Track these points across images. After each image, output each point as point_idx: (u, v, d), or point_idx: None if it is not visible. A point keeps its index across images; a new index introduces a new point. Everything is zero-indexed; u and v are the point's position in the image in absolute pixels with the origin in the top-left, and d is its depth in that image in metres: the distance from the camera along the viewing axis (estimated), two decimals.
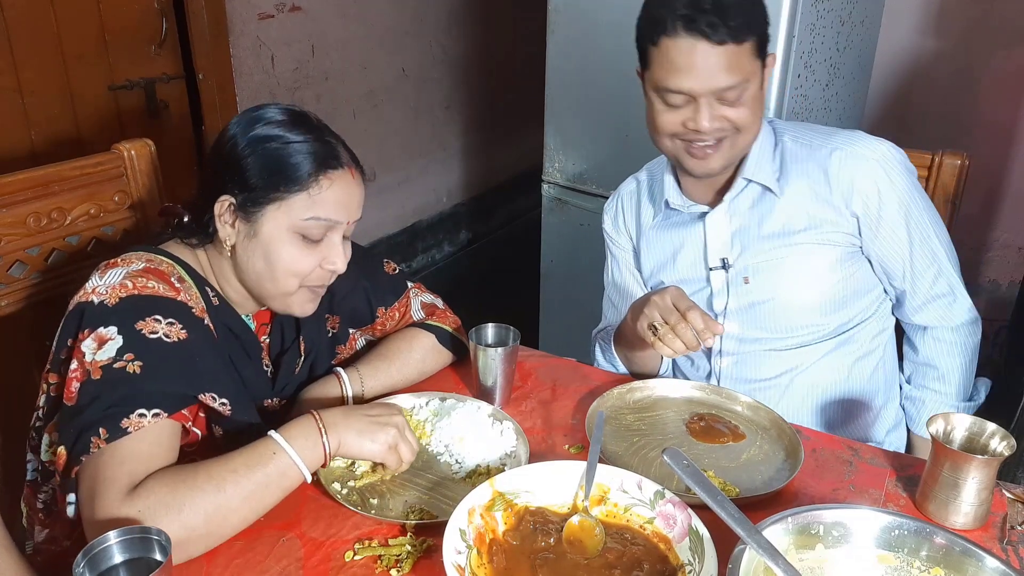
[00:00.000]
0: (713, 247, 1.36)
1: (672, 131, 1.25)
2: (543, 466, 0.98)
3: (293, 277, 1.07)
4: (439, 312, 1.35)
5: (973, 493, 0.97)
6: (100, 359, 0.94)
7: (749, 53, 1.18)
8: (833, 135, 1.32)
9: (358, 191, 1.11)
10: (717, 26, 1.14)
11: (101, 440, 0.90)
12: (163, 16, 2.33)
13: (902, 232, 1.29)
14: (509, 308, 2.04)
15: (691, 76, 1.17)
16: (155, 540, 0.80)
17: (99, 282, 0.99)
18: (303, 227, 1.05)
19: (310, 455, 0.96)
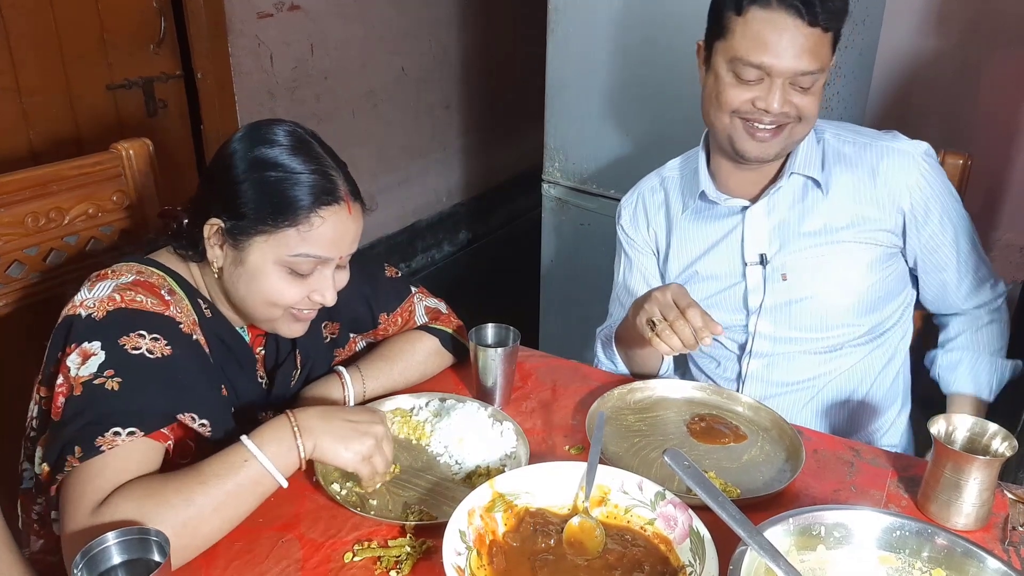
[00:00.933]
0: (751, 242, 1.34)
1: (736, 107, 1.22)
2: (543, 467, 0.98)
3: (278, 306, 1.05)
4: (443, 317, 1.34)
5: (975, 494, 0.96)
6: (83, 375, 0.93)
7: (830, 43, 1.18)
8: (876, 135, 1.32)
9: (353, 227, 1.05)
10: (815, 7, 1.13)
11: (75, 459, 0.89)
12: (162, 15, 2.33)
13: (948, 223, 1.30)
14: (509, 308, 2.04)
15: (776, 53, 1.15)
16: (154, 541, 0.79)
17: (88, 295, 0.98)
18: (291, 262, 1.01)
19: (284, 460, 0.93)
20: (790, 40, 1.15)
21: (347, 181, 1.05)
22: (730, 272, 1.37)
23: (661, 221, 1.45)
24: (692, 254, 1.40)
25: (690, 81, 2.10)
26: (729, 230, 1.36)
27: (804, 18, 1.13)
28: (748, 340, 1.38)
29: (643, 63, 2.16)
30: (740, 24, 1.17)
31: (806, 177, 1.31)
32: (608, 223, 2.38)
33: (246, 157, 1.01)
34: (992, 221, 2.74)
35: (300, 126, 1.06)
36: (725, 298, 1.39)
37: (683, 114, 2.14)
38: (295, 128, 1.05)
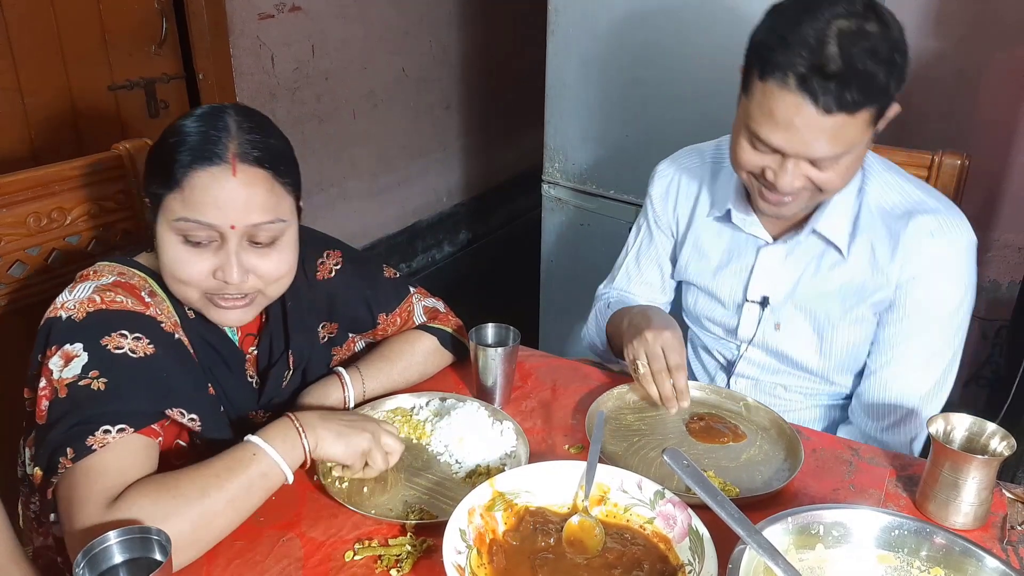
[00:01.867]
0: (758, 281, 1.31)
1: (751, 171, 1.15)
2: (543, 466, 0.98)
3: (183, 284, 1.00)
4: (441, 316, 1.35)
5: (973, 493, 0.97)
6: (66, 376, 0.93)
7: (862, 123, 1.04)
8: (923, 199, 1.21)
9: (242, 192, 0.96)
10: (833, 95, 1.00)
11: (68, 460, 0.89)
12: (163, 16, 2.33)
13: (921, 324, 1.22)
14: (509, 308, 2.04)
15: (787, 136, 1.05)
16: (155, 540, 0.80)
17: (68, 296, 0.98)
18: (179, 228, 0.96)
19: (290, 455, 0.95)
20: (804, 126, 1.03)
21: (248, 145, 0.96)
22: (729, 298, 1.36)
23: (686, 211, 1.40)
24: (701, 262, 1.38)
25: (690, 81, 2.11)
26: (741, 257, 1.33)
27: (820, 105, 1.01)
28: (735, 360, 1.39)
29: (643, 63, 2.17)
30: (759, 92, 1.06)
31: (827, 241, 1.24)
32: (608, 223, 2.39)
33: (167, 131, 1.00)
34: (990, 221, 2.74)
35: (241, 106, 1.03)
36: (718, 316, 1.39)
37: (683, 114, 2.15)
38: (226, 104, 1.02)
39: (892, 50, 1.02)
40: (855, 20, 1.01)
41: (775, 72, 1.03)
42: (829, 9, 1.01)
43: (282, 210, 1.00)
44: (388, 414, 1.19)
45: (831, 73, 0.99)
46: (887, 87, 1.03)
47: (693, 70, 2.10)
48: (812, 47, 1.00)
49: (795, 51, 1.01)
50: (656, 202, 1.43)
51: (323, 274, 1.21)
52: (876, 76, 1.01)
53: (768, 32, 1.06)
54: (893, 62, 1.02)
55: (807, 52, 1.00)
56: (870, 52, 1.00)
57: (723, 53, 2.02)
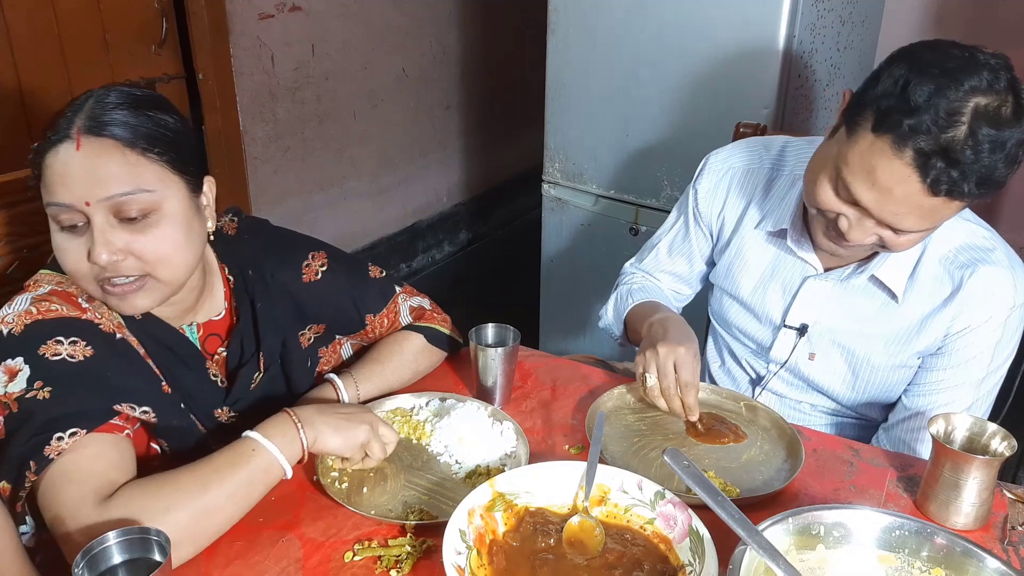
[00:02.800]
0: (800, 307, 1.26)
1: (825, 211, 1.08)
2: (543, 466, 0.98)
3: (76, 277, 0.98)
4: (427, 314, 1.33)
5: (974, 493, 0.97)
6: (13, 391, 0.93)
7: (960, 206, 0.99)
8: (987, 248, 1.15)
9: (87, 163, 0.91)
10: (947, 183, 0.94)
11: (32, 473, 0.89)
12: (163, 16, 2.33)
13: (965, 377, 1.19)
14: (509, 308, 2.04)
15: (879, 200, 0.99)
16: (154, 540, 0.80)
17: (8, 310, 0.97)
18: (51, 216, 0.95)
19: (289, 450, 0.96)
20: (904, 197, 0.97)
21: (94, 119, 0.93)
22: (766, 317, 1.32)
23: (734, 215, 1.33)
24: (742, 273, 1.34)
25: (690, 81, 2.11)
26: (786, 279, 1.28)
27: (928, 188, 0.94)
28: (765, 376, 1.38)
29: (643, 63, 2.17)
30: (867, 142, 0.98)
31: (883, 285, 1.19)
32: (608, 223, 2.39)
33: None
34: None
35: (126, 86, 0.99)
36: (752, 332, 1.36)
37: (683, 114, 2.15)
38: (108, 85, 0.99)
39: (1015, 144, 0.94)
40: (995, 98, 0.92)
41: (893, 133, 0.95)
42: (970, 79, 0.92)
43: (144, 180, 0.94)
44: (388, 414, 1.19)
45: (954, 160, 0.92)
46: (1002, 179, 0.96)
47: (693, 70, 2.10)
48: (942, 123, 0.92)
49: (923, 122, 0.92)
50: (701, 198, 1.36)
51: (309, 276, 1.21)
52: (997, 172, 0.94)
53: (897, 86, 0.95)
54: (1015, 160, 0.95)
55: (936, 128, 0.92)
56: (999, 146, 0.92)
57: (723, 53, 2.03)
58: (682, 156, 2.14)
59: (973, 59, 0.95)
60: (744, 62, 2.00)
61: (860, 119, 0.99)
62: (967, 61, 0.95)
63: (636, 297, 1.42)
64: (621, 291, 1.47)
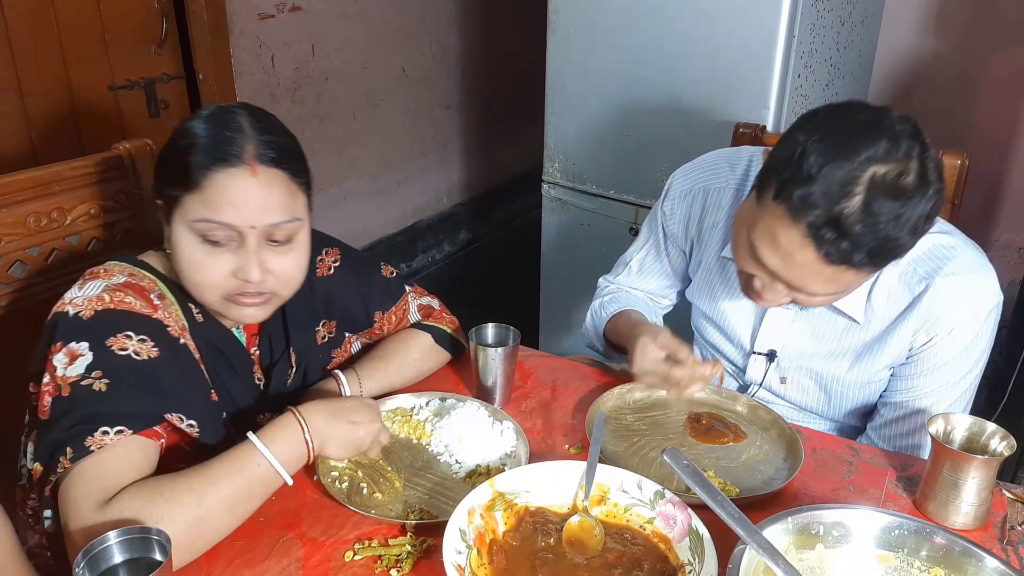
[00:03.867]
0: (766, 334, 1.28)
1: (740, 270, 1.10)
2: (543, 466, 0.98)
3: (203, 287, 1.00)
4: (435, 313, 1.35)
5: (973, 493, 0.97)
6: (70, 375, 0.93)
7: (865, 273, 1.00)
8: (945, 258, 1.13)
9: (261, 192, 0.97)
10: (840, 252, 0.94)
11: (67, 460, 0.89)
12: (163, 16, 2.33)
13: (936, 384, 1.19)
14: (509, 308, 2.04)
15: (783, 266, 1.00)
16: (155, 540, 0.80)
17: (77, 293, 0.98)
18: (199, 229, 0.97)
19: (292, 457, 0.95)
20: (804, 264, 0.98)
21: (264, 146, 0.98)
22: (737, 342, 1.33)
23: (700, 238, 1.33)
24: (711, 297, 1.34)
25: (690, 81, 2.11)
26: (749, 305, 1.28)
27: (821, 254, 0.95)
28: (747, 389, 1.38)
29: (643, 63, 2.17)
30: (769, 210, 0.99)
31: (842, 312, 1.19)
32: (608, 223, 2.39)
33: (176, 133, 1.02)
34: (990, 221, 2.74)
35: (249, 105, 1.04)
36: (728, 353, 1.37)
37: (683, 115, 2.15)
38: (233, 105, 1.04)
39: (920, 216, 0.93)
40: (894, 167, 0.91)
41: (788, 204, 0.95)
42: (869, 148, 0.91)
43: (298, 209, 1.03)
44: (388, 414, 1.19)
45: (845, 232, 0.92)
46: (902, 251, 0.97)
47: (693, 70, 2.10)
48: (835, 195, 0.91)
49: (812, 194, 0.92)
50: (668, 219, 1.37)
51: (322, 271, 1.22)
52: (893, 241, 0.93)
53: (795, 155, 0.95)
54: (916, 230, 0.94)
55: (826, 201, 0.92)
56: (895, 218, 0.91)
57: (723, 53, 2.03)
58: (682, 156, 2.11)
59: (876, 125, 0.93)
60: (744, 62, 2.00)
61: (766, 185, 1.00)
62: (869, 127, 0.93)
63: (609, 309, 1.43)
64: (594, 305, 1.48)
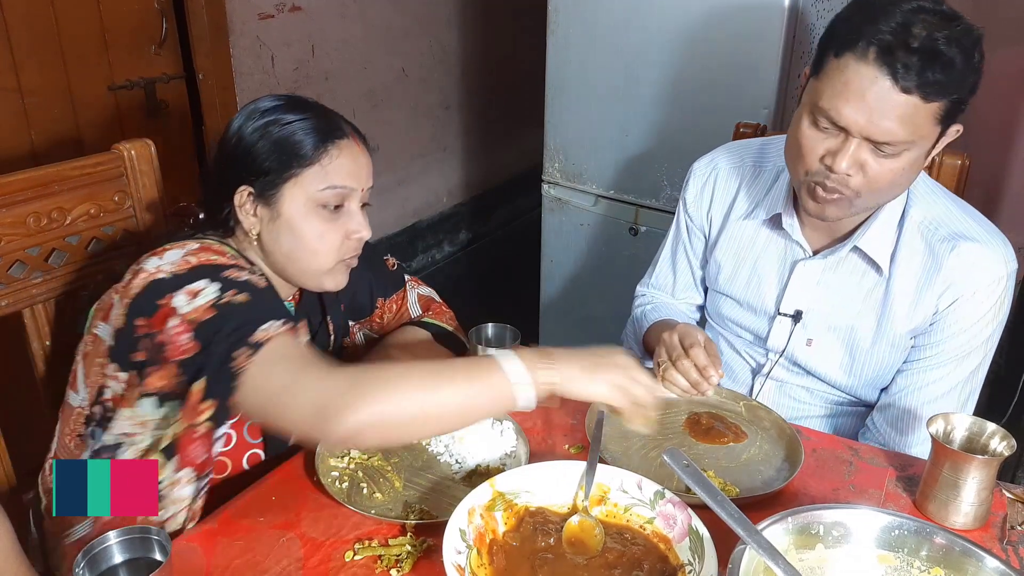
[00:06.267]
0: (793, 294, 1.28)
1: (808, 156, 1.10)
2: (543, 466, 0.98)
3: (324, 253, 1.10)
4: (435, 306, 1.37)
5: (973, 493, 0.97)
6: (202, 303, 0.95)
7: (932, 114, 1.02)
8: (968, 224, 1.19)
9: (365, 159, 1.13)
10: (913, 72, 0.98)
11: (246, 359, 0.92)
12: (163, 16, 2.33)
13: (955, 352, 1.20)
14: (509, 308, 2.04)
15: (856, 109, 1.02)
16: (155, 540, 0.80)
17: (160, 261, 1.00)
18: (320, 198, 1.07)
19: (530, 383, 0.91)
20: (877, 101, 1.00)
21: (347, 122, 1.13)
22: (761, 307, 1.33)
23: (721, 211, 1.37)
24: (733, 266, 1.35)
25: (690, 81, 2.11)
26: (777, 267, 1.30)
27: (899, 82, 0.99)
28: (764, 365, 1.38)
29: (643, 63, 2.17)
30: (834, 68, 1.04)
31: (868, 259, 1.22)
32: (608, 223, 2.39)
33: (251, 124, 1.09)
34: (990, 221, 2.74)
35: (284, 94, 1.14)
36: (748, 323, 1.37)
37: (683, 114, 2.15)
38: (280, 94, 1.14)
39: (972, 45, 1.00)
40: (939, 12, 1.00)
41: (856, 44, 1.01)
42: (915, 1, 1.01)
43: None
44: None
45: (915, 48, 0.97)
46: (965, 79, 1.01)
47: (693, 70, 2.10)
48: (898, 23, 0.99)
49: (880, 25, 0.99)
50: (690, 204, 1.41)
51: None
52: (956, 63, 0.99)
53: (852, 12, 1.05)
54: (972, 56, 1.01)
55: (894, 26, 0.99)
56: (955, 40, 0.98)
57: (723, 53, 2.03)
58: (682, 156, 2.13)
59: None
60: (744, 62, 2.00)
61: (823, 60, 1.07)
62: None
63: (651, 317, 1.43)
64: (636, 314, 1.49)
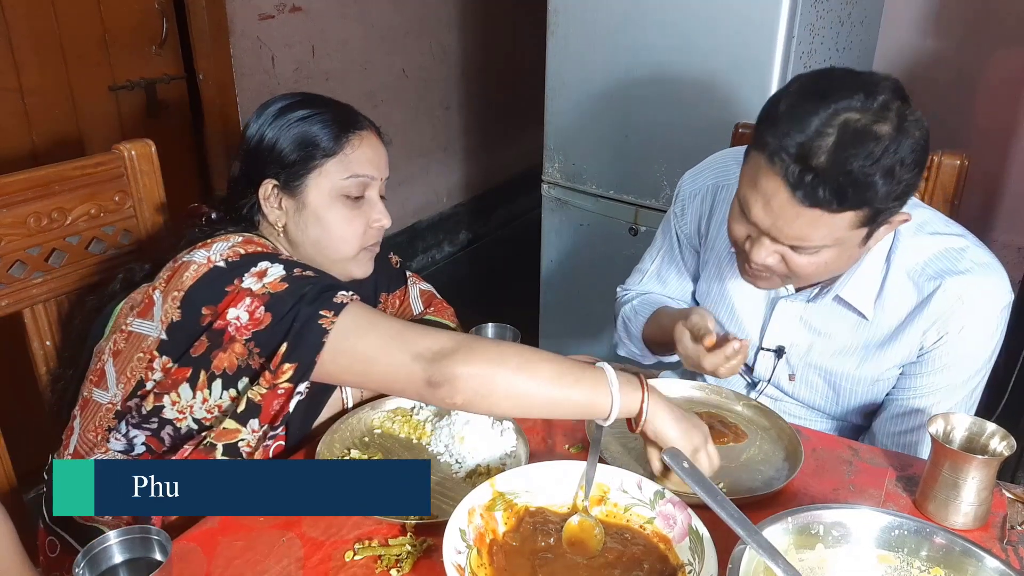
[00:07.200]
0: (774, 331, 1.27)
1: (734, 238, 1.12)
2: (543, 466, 0.98)
3: (349, 240, 1.14)
4: (437, 302, 1.38)
5: (973, 493, 0.97)
6: (272, 279, 0.99)
7: (845, 223, 0.98)
8: (955, 259, 1.13)
9: (382, 149, 1.18)
10: (807, 189, 0.94)
11: (330, 320, 0.95)
12: (163, 16, 2.33)
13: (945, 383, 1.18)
14: (509, 308, 2.04)
15: (763, 213, 1.01)
16: (155, 540, 0.80)
17: (209, 252, 1.03)
18: (344, 187, 1.12)
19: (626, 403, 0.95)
20: (780, 208, 0.98)
21: (363, 116, 1.18)
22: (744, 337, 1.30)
23: (708, 235, 1.35)
24: (719, 295, 1.35)
25: (689, 81, 2.11)
26: (759, 301, 1.29)
27: (796, 196, 0.96)
28: (755, 385, 1.37)
29: (643, 64, 2.17)
30: (752, 159, 1.01)
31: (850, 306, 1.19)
32: (608, 223, 2.39)
33: (270, 122, 1.13)
34: (990, 221, 2.74)
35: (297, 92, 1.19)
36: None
37: (683, 114, 2.15)
38: (294, 92, 1.18)
39: (895, 161, 0.93)
40: (868, 116, 0.93)
41: (766, 148, 0.98)
42: (845, 100, 0.93)
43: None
44: (388, 414, 1.19)
45: (812, 167, 0.93)
46: (875, 196, 0.95)
47: (693, 70, 2.10)
48: (807, 135, 0.93)
49: (789, 134, 0.94)
50: (680, 221, 1.40)
51: None
52: (863, 182, 0.93)
53: (777, 105, 0.99)
54: (891, 172, 0.93)
55: (800, 139, 0.94)
56: (867, 157, 0.92)
57: (723, 53, 2.03)
58: (682, 156, 2.13)
59: (854, 78, 0.97)
60: (743, 62, 2.00)
61: (751, 143, 1.03)
62: (847, 78, 0.97)
63: (644, 313, 1.43)
64: (625, 312, 1.48)
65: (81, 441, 1.10)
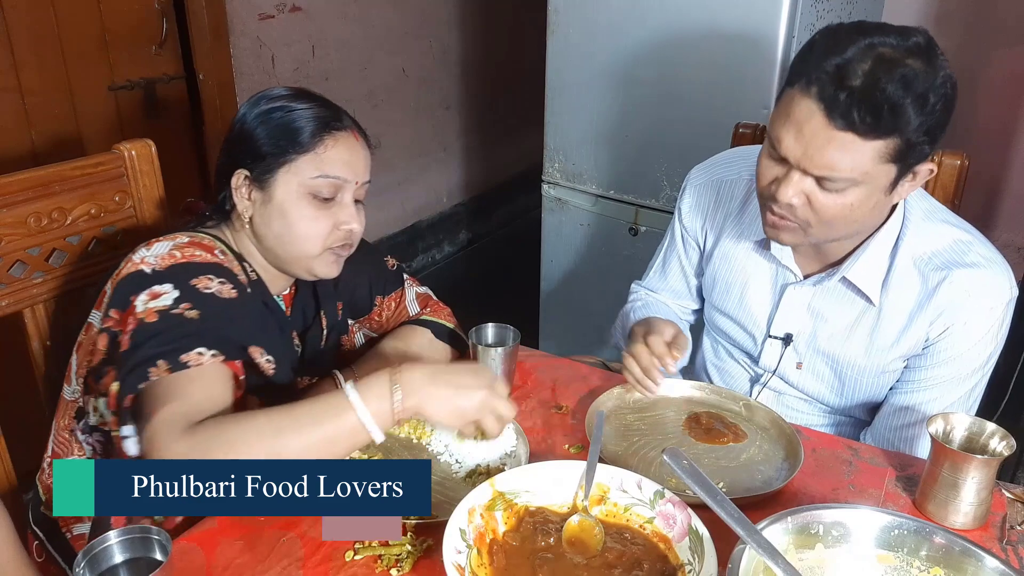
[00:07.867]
0: (782, 318, 1.28)
1: (762, 183, 1.11)
2: (543, 466, 0.98)
3: (312, 239, 1.10)
4: (433, 303, 1.38)
5: (973, 493, 0.97)
6: (155, 306, 0.97)
7: (876, 153, 0.99)
8: (963, 251, 1.15)
9: (363, 153, 1.14)
10: (846, 109, 0.96)
11: (161, 370, 0.93)
12: (163, 16, 2.33)
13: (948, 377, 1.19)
14: (509, 308, 2.04)
15: (794, 140, 1.02)
16: (155, 540, 0.80)
17: (147, 252, 1.03)
18: (312, 186, 1.09)
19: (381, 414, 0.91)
20: (812, 132, 1.00)
21: (348, 116, 1.15)
22: (752, 328, 1.33)
23: (715, 226, 1.36)
24: (726, 284, 1.35)
25: (689, 81, 2.11)
26: (767, 289, 1.30)
27: (831, 117, 0.98)
28: (760, 377, 1.38)
29: (642, 63, 2.17)
30: (785, 95, 1.04)
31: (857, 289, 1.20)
32: (608, 223, 2.39)
33: (254, 112, 1.11)
34: (990, 221, 2.74)
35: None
36: (741, 341, 1.38)
37: (683, 114, 2.15)
38: (290, 86, 1.16)
39: (928, 89, 0.96)
40: (901, 52, 0.96)
41: (801, 77, 1.00)
42: (879, 36, 0.98)
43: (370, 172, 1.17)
44: None
45: (850, 86, 0.95)
46: (907, 123, 0.96)
47: (693, 70, 2.10)
48: (845, 60, 0.97)
49: (826, 61, 0.98)
50: (684, 215, 1.40)
51: None
52: (898, 105, 0.95)
53: (811, 45, 1.03)
54: (924, 99, 0.96)
55: (837, 62, 0.97)
56: (901, 81, 0.95)
57: (723, 53, 2.03)
58: (682, 156, 2.14)
59: (887, 24, 1.01)
60: (744, 62, 2.00)
61: (780, 92, 1.07)
62: (882, 26, 1.01)
63: (638, 314, 1.44)
64: (625, 308, 1.50)
65: (56, 440, 1.12)
